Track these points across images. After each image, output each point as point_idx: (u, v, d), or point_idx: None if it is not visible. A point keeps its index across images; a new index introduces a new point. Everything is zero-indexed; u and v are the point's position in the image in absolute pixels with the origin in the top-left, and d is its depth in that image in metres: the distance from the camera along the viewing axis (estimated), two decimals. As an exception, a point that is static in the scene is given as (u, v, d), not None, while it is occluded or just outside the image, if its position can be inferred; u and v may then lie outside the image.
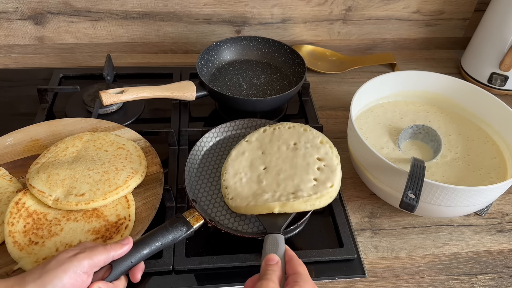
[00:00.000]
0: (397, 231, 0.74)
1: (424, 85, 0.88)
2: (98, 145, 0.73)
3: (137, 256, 0.53)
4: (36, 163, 0.70)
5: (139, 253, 0.53)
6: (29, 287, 0.46)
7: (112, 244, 0.52)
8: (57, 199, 0.63)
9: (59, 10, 1.00)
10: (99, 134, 0.76)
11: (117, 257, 0.52)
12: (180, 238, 0.58)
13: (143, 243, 0.54)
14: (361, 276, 0.67)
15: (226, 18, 1.07)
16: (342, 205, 0.76)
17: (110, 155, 0.72)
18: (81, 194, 0.64)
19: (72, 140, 0.74)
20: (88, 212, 0.63)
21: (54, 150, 0.72)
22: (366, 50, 1.18)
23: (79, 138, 0.75)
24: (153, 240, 0.55)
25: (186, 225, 0.58)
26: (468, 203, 0.66)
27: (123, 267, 0.52)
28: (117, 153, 0.72)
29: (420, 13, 1.12)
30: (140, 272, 0.55)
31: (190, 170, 0.70)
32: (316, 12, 1.08)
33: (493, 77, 1.01)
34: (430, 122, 0.85)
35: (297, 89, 0.88)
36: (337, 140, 0.89)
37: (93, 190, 0.65)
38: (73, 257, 0.49)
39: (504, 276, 0.68)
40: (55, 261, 0.48)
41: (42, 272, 0.47)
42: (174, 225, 0.58)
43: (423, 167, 0.65)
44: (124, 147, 0.73)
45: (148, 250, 0.54)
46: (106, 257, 0.51)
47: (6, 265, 0.59)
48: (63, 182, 0.66)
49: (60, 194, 0.64)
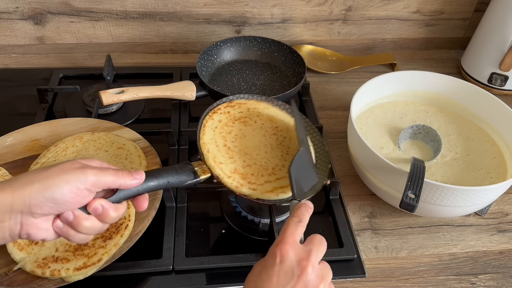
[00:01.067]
0: (397, 231, 0.74)
1: (424, 85, 0.88)
2: (98, 145, 0.73)
3: (143, 186, 0.52)
4: (36, 163, 0.70)
5: (146, 183, 0.52)
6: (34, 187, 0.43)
7: (124, 172, 0.49)
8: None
9: (59, 10, 1.01)
10: (99, 134, 0.76)
11: (123, 187, 0.49)
12: (186, 183, 0.57)
13: (152, 176, 0.53)
14: (361, 276, 0.67)
15: (226, 18, 1.07)
16: (342, 205, 0.76)
17: (110, 155, 0.72)
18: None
19: (72, 140, 0.74)
20: (88, 212, 0.63)
21: (54, 150, 0.72)
22: (366, 50, 1.18)
23: (79, 138, 0.75)
24: (161, 175, 0.54)
25: (193, 173, 0.58)
26: (468, 203, 0.66)
27: (128, 192, 0.51)
28: (117, 153, 0.72)
29: (420, 13, 1.12)
30: (146, 201, 0.53)
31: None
32: (316, 12, 1.08)
33: (493, 77, 1.01)
34: (430, 122, 0.85)
35: (297, 89, 0.88)
36: (337, 140, 0.90)
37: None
38: (80, 169, 0.45)
39: (504, 276, 0.68)
40: (59, 168, 0.45)
41: (47, 174, 0.44)
42: (183, 169, 0.57)
43: (423, 167, 0.65)
44: (124, 147, 0.73)
45: (155, 183, 0.53)
46: (113, 183, 0.47)
47: (6, 265, 0.59)
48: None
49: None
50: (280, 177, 0.62)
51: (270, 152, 0.65)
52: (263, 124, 0.69)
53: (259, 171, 0.62)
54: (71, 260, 0.57)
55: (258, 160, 0.63)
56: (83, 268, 0.57)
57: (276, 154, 0.65)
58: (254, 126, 0.68)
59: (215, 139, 0.64)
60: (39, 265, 0.57)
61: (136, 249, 0.60)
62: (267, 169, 0.63)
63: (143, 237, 0.63)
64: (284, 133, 0.68)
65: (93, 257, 0.58)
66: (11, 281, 0.57)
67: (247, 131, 0.67)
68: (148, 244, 0.65)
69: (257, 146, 0.65)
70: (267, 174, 0.62)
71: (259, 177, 0.61)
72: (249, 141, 0.65)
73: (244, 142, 0.65)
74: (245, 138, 0.66)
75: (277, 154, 0.65)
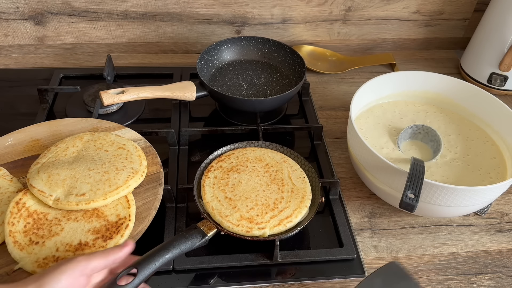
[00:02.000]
0: (397, 231, 0.74)
1: (423, 85, 0.88)
2: (99, 145, 0.73)
3: (160, 260, 0.55)
4: (37, 163, 0.70)
5: (162, 257, 0.55)
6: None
7: (112, 249, 0.52)
8: (58, 199, 0.63)
9: (60, 10, 1.01)
10: (100, 134, 0.76)
11: (118, 260, 0.52)
12: (195, 246, 0.60)
13: (165, 248, 0.56)
14: (361, 276, 0.67)
15: (226, 18, 1.07)
16: (342, 205, 0.76)
17: (111, 155, 0.71)
18: (81, 194, 0.64)
19: (72, 140, 0.74)
20: (89, 212, 0.63)
21: (55, 150, 0.72)
22: (366, 50, 1.18)
23: (80, 138, 0.75)
24: (173, 245, 0.57)
25: (201, 233, 0.61)
26: (467, 203, 0.66)
27: (148, 270, 0.53)
28: (118, 153, 0.72)
29: (420, 14, 1.12)
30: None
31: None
32: (316, 13, 1.08)
33: (493, 77, 1.01)
34: (430, 122, 0.86)
35: (297, 89, 0.88)
36: (337, 140, 0.90)
37: (93, 190, 0.65)
38: (71, 258, 0.49)
39: (503, 276, 0.68)
40: (54, 264, 0.48)
41: (41, 274, 0.47)
42: (191, 233, 0.60)
43: (422, 167, 0.65)
44: (125, 147, 0.73)
45: (170, 254, 0.56)
46: (105, 261, 0.51)
47: (7, 265, 0.59)
48: (63, 182, 0.66)
49: (60, 194, 0.64)
50: (282, 208, 0.67)
51: (267, 189, 0.70)
52: (254, 166, 0.73)
53: (263, 210, 0.66)
54: (72, 260, 0.57)
55: (258, 201, 0.67)
56: (83, 268, 0.57)
57: (273, 189, 0.70)
58: (246, 171, 0.72)
59: (216, 195, 0.68)
60: (40, 265, 0.57)
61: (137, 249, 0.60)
62: (268, 205, 0.67)
63: (144, 237, 0.63)
64: (274, 167, 0.74)
65: (93, 257, 0.58)
66: (11, 281, 0.57)
67: (242, 177, 0.71)
68: (148, 244, 0.65)
69: (254, 188, 0.70)
70: (270, 210, 0.67)
71: (264, 216, 0.66)
72: (246, 186, 0.70)
73: (242, 188, 0.69)
74: (241, 184, 0.70)
75: (274, 189, 0.70)
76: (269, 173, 0.73)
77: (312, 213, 0.67)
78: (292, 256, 0.67)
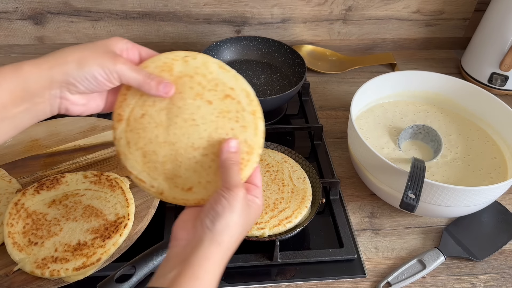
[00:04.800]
0: (397, 231, 0.74)
1: (424, 85, 0.88)
2: (197, 88, 0.48)
3: (158, 258, 0.55)
4: (119, 116, 0.48)
5: (161, 256, 0.55)
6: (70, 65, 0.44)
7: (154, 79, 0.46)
8: (162, 192, 0.48)
9: (59, 10, 1.00)
10: (196, 62, 0.50)
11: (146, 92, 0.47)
12: None
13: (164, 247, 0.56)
14: (361, 276, 0.66)
15: (226, 18, 1.07)
16: (342, 205, 0.76)
17: (217, 112, 0.48)
18: (187, 189, 0.48)
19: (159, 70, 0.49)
20: (87, 212, 0.63)
21: (139, 92, 0.48)
22: (366, 50, 1.18)
23: (168, 68, 0.49)
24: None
25: None
26: (468, 203, 0.66)
27: (146, 268, 0.53)
28: (225, 108, 0.48)
29: (420, 13, 1.12)
30: None
31: None
32: (316, 12, 1.08)
33: (493, 77, 1.01)
34: (430, 122, 0.85)
35: (297, 89, 0.88)
36: (337, 140, 0.90)
37: (202, 183, 0.48)
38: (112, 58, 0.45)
39: (504, 276, 0.68)
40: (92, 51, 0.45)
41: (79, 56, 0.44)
42: None
43: (423, 167, 0.65)
44: (233, 94, 0.49)
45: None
46: (139, 84, 0.46)
47: (6, 266, 0.59)
48: (163, 166, 0.48)
49: (163, 185, 0.48)
50: (282, 209, 0.67)
51: (268, 189, 0.70)
52: None
53: (263, 210, 0.65)
54: (70, 260, 0.57)
55: None
56: (82, 268, 0.56)
57: (274, 189, 0.70)
58: None
59: None
60: (39, 266, 0.57)
61: (136, 248, 0.60)
62: (268, 206, 0.67)
63: (144, 237, 0.63)
64: (275, 167, 0.73)
65: (92, 257, 0.58)
66: (11, 282, 0.57)
67: None
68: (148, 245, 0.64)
69: None
70: (270, 210, 0.66)
71: (264, 216, 0.65)
72: None
73: None
74: None
75: (274, 189, 0.70)
76: (270, 173, 0.72)
77: (312, 214, 0.67)
78: (292, 256, 0.67)
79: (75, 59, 0.44)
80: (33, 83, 0.43)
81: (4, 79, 0.42)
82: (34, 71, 0.43)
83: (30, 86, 0.43)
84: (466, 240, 0.71)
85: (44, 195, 0.65)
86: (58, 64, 0.44)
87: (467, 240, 0.71)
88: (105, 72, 0.45)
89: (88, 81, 0.44)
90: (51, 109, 0.45)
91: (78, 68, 0.44)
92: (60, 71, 0.43)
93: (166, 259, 0.44)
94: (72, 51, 0.45)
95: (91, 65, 0.44)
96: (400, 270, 0.66)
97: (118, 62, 0.45)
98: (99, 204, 0.65)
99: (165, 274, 0.41)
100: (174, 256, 0.43)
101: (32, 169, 0.72)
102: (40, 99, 0.43)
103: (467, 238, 0.71)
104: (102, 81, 0.45)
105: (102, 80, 0.45)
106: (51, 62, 0.44)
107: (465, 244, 0.70)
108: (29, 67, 0.43)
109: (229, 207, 0.42)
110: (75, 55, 0.44)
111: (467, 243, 0.71)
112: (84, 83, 0.44)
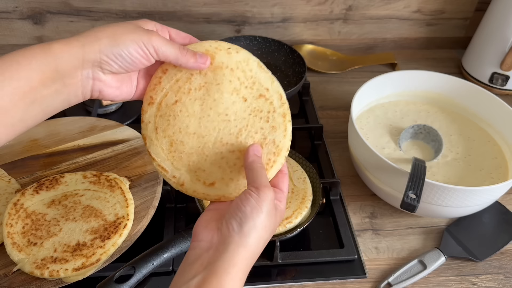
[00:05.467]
0: (398, 232, 0.74)
1: (425, 85, 0.88)
2: (236, 83, 0.47)
3: (158, 259, 0.55)
4: (151, 99, 0.48)
5: (160, 256, 0.55)
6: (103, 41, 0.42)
7: (189, 52, 0.46)
8: (182, 184, 0.47)
9: (58, 9, 1.00)
10: (238, 56, 0.48)
11: (184, 66, 0.46)
12: None
13: (163, 248, 0.56)
14: (362, 277, 0.66)
15: (226, 17, 1.06)
16: (342, 205, 0.75)
17: (249, 110, 0.47)
18: (210, 184, 0.47)
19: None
20: (87, 212, 0.63)
21: (174, 76, 0.47)
22: (367, 49, 1.18)
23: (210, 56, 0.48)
24: (171, 245, 0.57)
25: None
26: (469, 204, 0.66)
27: (145, 269, 0.53)
28: (257, 107, 0.47)
29: (421, 13, 1.12)
30: None
31: None
32: (317, 12, 1.08)
33: (494, 77, 1.01)
34: (431, 122, 0.85)
35: (297, 89, 0.88)
36: (338, 140, 0.89)
37: (225, 179, 0.47)
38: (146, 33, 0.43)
39: (505, 276, 0.68)
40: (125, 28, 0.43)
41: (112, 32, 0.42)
42: (189, 233, 0.60)
43: (424, 167, 0.64)
44: (267, 94, 0.48)
45: (168, 254, 0.56)
46: (175, 59, 0.45)
47: (5, 267, 0.58)
48: (189, 157, 0.47)
49: (185, 176, 0.47)
50: None
51: None
52: None
53: None
54: (70, 261, 0.57)
55: None
56: (81, 269, 0.56)
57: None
58: None
59: None
60: (38, 266, 0.56)
61: (136, 249, 0.60)
62: None
63: (143, 238, 0.63)
64: None
65: (91, 257, 0.57)
66: (10, 283, 0.56)
67: None
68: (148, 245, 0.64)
69: None
70: None
71: None
72: None
73: None
74: None
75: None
76: None
77: (312, 214, 0.67)
78: (293, 257, 0.66)
79: (108, 35, 0.42)
80: (64, 62, 0.40)
81: (34, 58, 0.39)
82: (65, 50, 0.40)
83: (61, 66, 0.40)
84: (467, 240, 0.71)
85: (44, 195, 0.65)
86: (89, 41, 0.41)
87: (468, 240, 0.71)
88: (140, 47, 0.42)
89: (122, 58, 0.42)
90: (83, 92, 0.43)
91: (112, 45, 0.41)
92: (92, 49, 0.41)
93: (187, 262, 0.42)
94: (103, 29, 0.42)
95: (125, 40, 0.42)
96: (400, 270, 0.66)
97: (153, 36, 0.43)
98: (99, 205, 0.64)
99: (188, 280, 0.39)
100: (197, 259, 0.41)
101: (31, 169, 0.72)
102: (72, 80, 0.41)
103: (468, 238, 0.71)
104: (138, 58, 0.43)
105: (137, 56, 0.43)
106: (82, 40, 0.41)
107: (466, 245, 0.70)
108: (59, 45, 0.40)
109: (257, 208, 0.41)
110: (107, 32, 0.42)
111: (468, 243, 0.70)
112: (118, 60, 0.42)
